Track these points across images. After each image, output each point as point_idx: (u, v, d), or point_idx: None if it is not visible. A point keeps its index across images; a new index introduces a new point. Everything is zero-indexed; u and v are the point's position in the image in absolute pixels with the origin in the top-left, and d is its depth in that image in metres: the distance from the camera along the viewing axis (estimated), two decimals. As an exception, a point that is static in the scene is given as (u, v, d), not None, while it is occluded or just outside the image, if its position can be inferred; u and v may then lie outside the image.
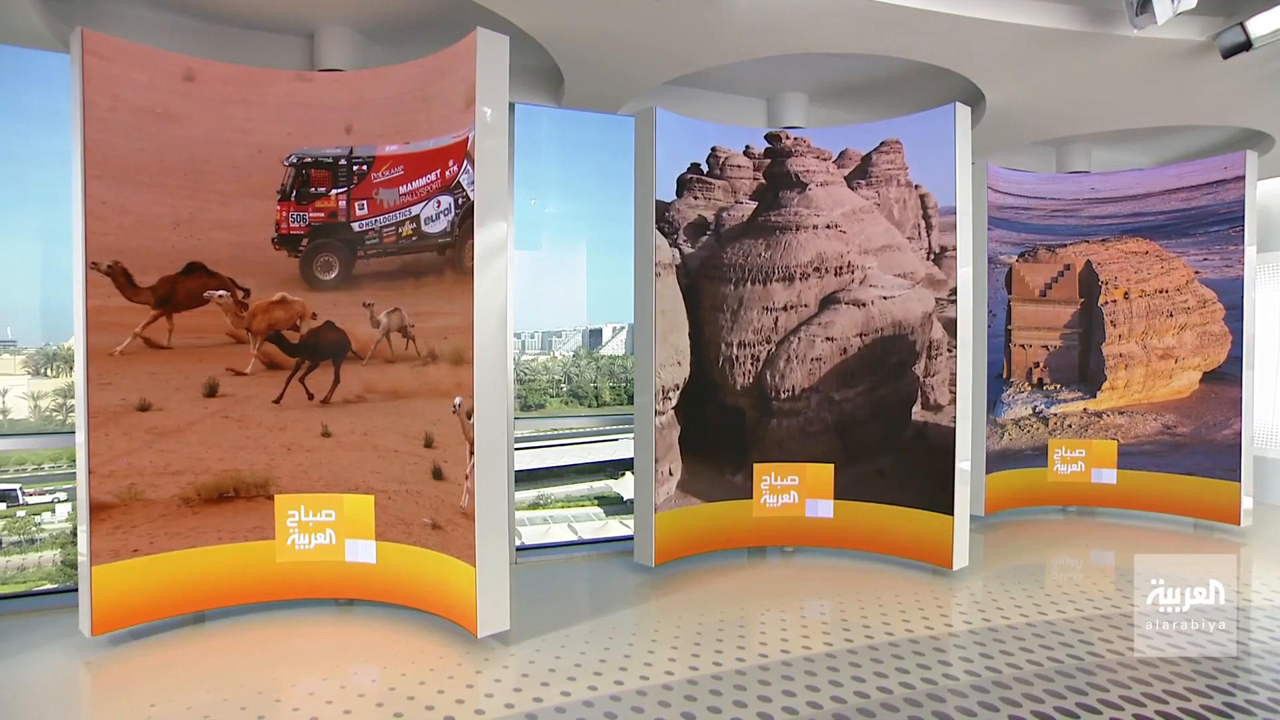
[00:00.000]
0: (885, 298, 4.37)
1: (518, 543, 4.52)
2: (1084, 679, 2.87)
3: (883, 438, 4.40)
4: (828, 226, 4.43)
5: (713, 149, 4.38)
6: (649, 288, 4.13)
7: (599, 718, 2.59)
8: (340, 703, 2.70)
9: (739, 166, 4.44)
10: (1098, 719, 2.57)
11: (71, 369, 3.38)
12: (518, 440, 4.43)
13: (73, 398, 3.36)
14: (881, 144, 4.34)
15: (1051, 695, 2.73)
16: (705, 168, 4.38)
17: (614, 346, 11.50)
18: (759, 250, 4.45)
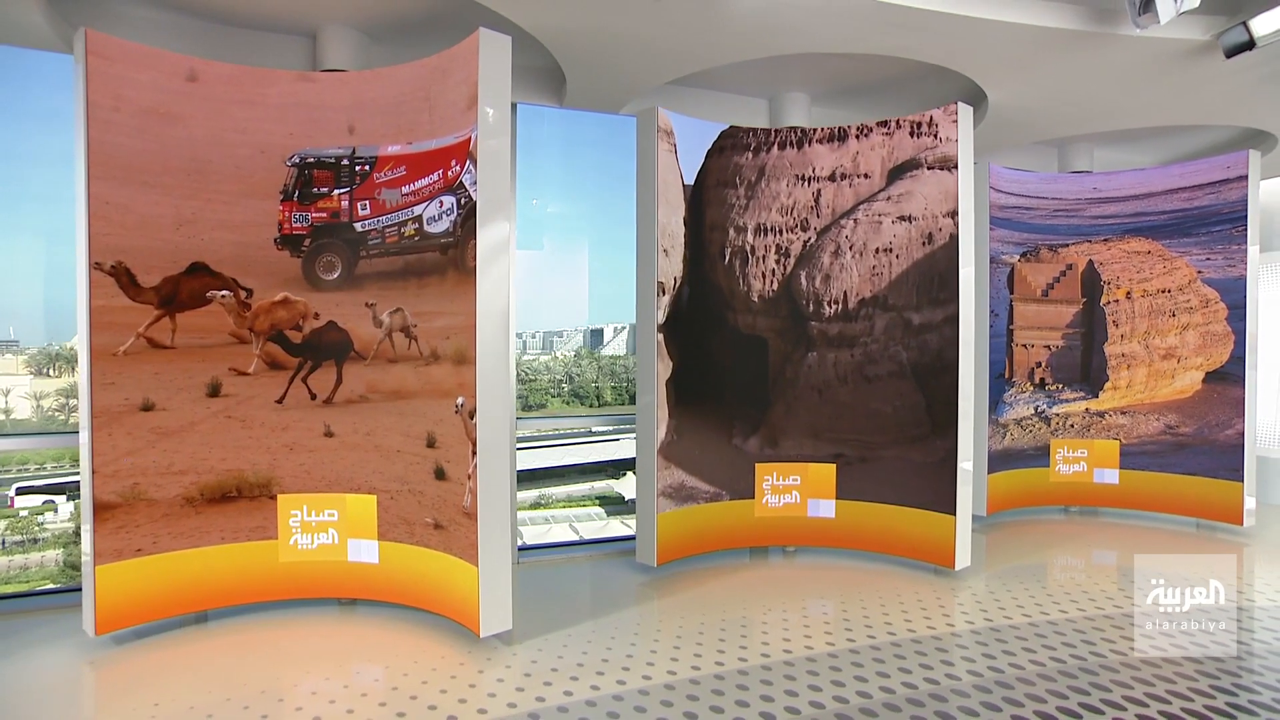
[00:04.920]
0: None
1: (520, 543, 4.51)
2: (1087, 679, 2.86)
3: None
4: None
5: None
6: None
7: (602, 718, 2.59)
8: (343, 702, 2.70)
9: None
10: (1100, 719, 2.57)
11: (74, 369, 3.39)
12: (519, 440, 4.39)
13: (75, 398, 3.36)
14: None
15: (1054, 695, 2.73)
16: None
17: (615, 346, 11.54)
18: None
